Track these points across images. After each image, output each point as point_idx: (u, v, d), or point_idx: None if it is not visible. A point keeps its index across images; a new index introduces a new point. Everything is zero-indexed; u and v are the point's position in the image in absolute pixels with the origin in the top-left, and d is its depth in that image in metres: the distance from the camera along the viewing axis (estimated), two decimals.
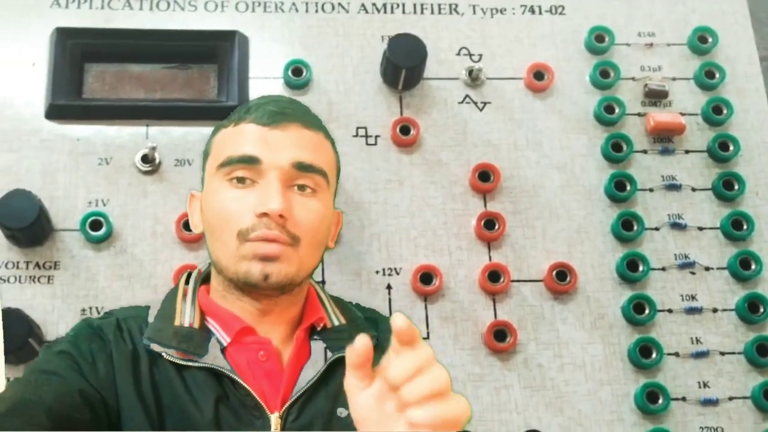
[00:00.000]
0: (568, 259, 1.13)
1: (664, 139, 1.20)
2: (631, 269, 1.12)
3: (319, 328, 0.89)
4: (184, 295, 0.89)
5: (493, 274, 1.11)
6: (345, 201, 1.12)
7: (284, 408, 0.81)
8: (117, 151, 1.13)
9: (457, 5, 1.25)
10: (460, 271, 1.12)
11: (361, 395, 0.66)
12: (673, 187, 1.18)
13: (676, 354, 1.10)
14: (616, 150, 1.17)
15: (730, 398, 1.09)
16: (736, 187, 1.17)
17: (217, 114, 0.89)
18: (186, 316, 0.87)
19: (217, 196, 0.86)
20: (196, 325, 0.86)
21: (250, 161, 0.84)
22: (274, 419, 0.80)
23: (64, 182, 1.11)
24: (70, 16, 1.19)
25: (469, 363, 1.08)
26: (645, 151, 1.19)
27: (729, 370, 1.10)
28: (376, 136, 1.18)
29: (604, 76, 1.21)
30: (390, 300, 1.10)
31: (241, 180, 0.85)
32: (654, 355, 1.08)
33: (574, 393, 1.08)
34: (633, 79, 1.23)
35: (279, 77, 1.19)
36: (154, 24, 1.20)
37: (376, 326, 0.92)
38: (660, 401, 1.06)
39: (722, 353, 1.10)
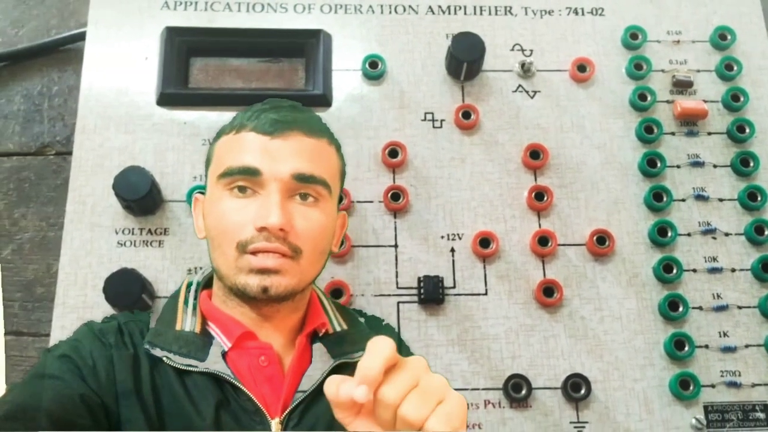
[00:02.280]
0: (606, 226, 1.16)
1: (690, 122, 1.23)
2: (661, 235, 1.16)
3: (321, 334, 0.86)
4: (186, 299, 0.86)
5: (542, 239, 1.15)
6: (414, 176, 1.18)
7: (285, 413, 0.78)
8: None
9: (511, 7, 1.28)
10: (513, 236, 1.16)
11: (355, 422, 0.63)
12: (697, 164, 1.21)
13: (700, 308, 1.14)
14: (648, 132, 1.21)
15: (746, 346, 1.13)
16: (752, 164, 1.21)
17: (304, 101, 0.90)
18: (187, 320, 0.83)
19: (218, 206, 0.81)
20: (197, 329, 0.83)
21: (251, 173, 0.80)
22: (275, 424, 0.77)
23: (172, 160, 1.16)
24: (178, 17, 1.24)
25: (521, 315, 1.12)
26: (673, 133, 1.23)
27: (745, 321, 1.14)
28: (442, 120, 1.21)
29: (637, 69, 1.24)
30: (453, 261, 1.14)
31: (241, 189, 0.80)
32: (681, 309, 1.12)
33: (612, 341, 1.11)
34: (662, 71, 1.26)
35: (358, 69, 1.22)
36: (250, 23, 1.23)
37: (378, 333, 0.75)
38: (686, 348, 1.10)
39: (739, 307, 1.14)
